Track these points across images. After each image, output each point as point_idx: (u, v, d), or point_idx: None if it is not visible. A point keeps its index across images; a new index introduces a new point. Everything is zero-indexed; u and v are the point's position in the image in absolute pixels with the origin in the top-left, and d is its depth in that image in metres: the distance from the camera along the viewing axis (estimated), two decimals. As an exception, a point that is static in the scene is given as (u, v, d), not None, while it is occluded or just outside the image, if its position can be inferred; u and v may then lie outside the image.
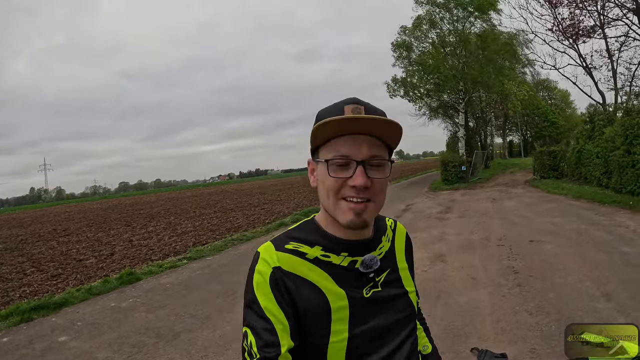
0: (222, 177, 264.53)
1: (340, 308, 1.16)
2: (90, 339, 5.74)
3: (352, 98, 1.20)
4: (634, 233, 9.09)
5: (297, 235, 1.24)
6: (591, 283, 6.09)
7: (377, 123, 1.10)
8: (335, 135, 1.13)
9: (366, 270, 1.22)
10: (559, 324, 4.78)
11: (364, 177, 1.10)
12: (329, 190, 1.15)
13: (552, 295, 5.78)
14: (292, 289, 1.14)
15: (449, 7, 29.52)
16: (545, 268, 7.06)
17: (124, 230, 18.32)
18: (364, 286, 1.22)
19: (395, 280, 1.30)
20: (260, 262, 1.17)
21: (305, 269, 1.18)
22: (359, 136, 1.12)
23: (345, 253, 1.21)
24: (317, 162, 1.20)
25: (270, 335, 1.10)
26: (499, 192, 20.95)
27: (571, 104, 68.37)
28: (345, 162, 1.12)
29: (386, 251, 1.31)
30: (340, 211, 1.15)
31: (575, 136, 22.02)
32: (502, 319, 5.15)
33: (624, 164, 14.86)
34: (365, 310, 1.20)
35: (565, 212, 12.69)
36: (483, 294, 6.08)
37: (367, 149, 1.12)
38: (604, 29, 21.57)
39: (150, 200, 48.57)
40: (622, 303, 5.26)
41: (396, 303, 1.27)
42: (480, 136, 47.12)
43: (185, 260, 10.34)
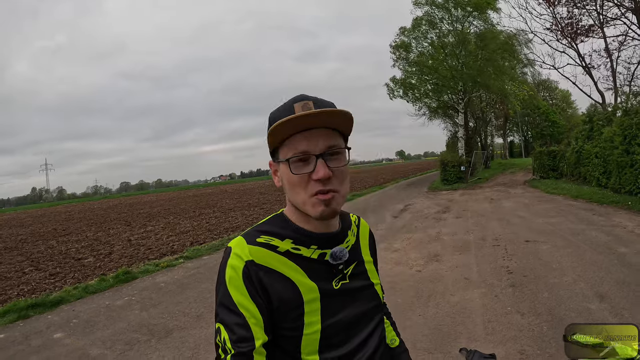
0: (223, 177, 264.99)
1: (312, 300, 1.19)
2: (85, 336, 5.79)
3: (301, 95, 1.23)
4: (632, 234, 9.06)
5: (268, 229, 1.26)
6: (585, 284, 6.08)
7: (327, 115, 1.13)
8: (291, 134, 1.15)
9: (335, 262, 1.25)
10: (551, 325, 4.80)
11: (325, 169, 1.13)
12: (296, 187, 1.17)
13: (546, 295, 5.77)
14: (265, 282, 1.16)
15: (447, 7, 29.54)
16: (539, 268, 7.06)
17: (123, 230, 18.38)
18: (334, 278, 1.25)
19: (362, 273, 1.35)
20: (233, 256, 1.18)
21: (277, 262, 1.19)
22: (313, 131, 1.15)
23: (314, 246, 1.24)
24: (278, 163, 1.23)
25: (244, 330, 1.11)
26: (497, 192, 20.94)
27: (572, 103, 68.47)
28: (305, 157, 1.15)
29: (352, 244, 1.35)
30: (310, 206, 1.17)
31: (575, 136, 22.02)
32: (493, 319, 5.16)
33: (623, 164, 14.86)
34: (336, 301, 1.23)
35: (563, 213, 12.68)
36: (475, 294, 6.08)
37: (323, 141, 1.16)
38: (603, 28, 21.58)
39: (151, 200, 48.73)
40: (615, 304, 5.25)
41: (363, 294, 1.31)
42: (481, 136, 47.16)
43: (181, 259, 10.38)
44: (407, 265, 8.03)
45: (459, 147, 31.73)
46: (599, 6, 20.93)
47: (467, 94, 31.19)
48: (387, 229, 12.47)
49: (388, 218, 14.80)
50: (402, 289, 6.63)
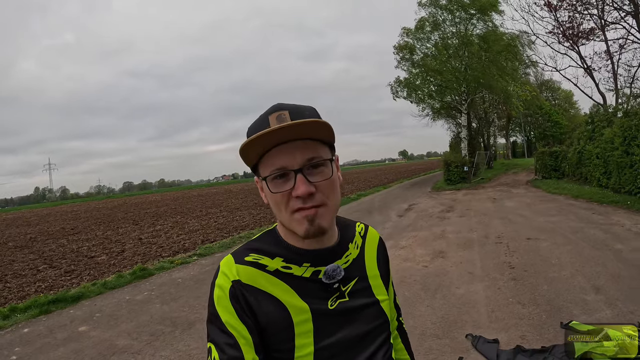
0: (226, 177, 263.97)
1: (302, 321, 1.15)
2: (109, 329, 6.02)
3: (276, 105, 1.16)
4: (629, 232, 9.36)
5: (257, 247, 1.22)
6: (583, 277, 6.40)
7: (302, 127, 1.06)
8: (266, 149, 1.10)
9: (329, 281, 1.19)
10: (549, 314, 5.12)
11: (305, 185, 1.07)
12: (279, 205, 1.12)
13: (545, 288, 6.09)
14: (252, 302, 1.13)
15: (451, 9, 29.77)
16: (539, 263, 7.36)
17: (132, 229, 18.59)
18: (329, 297, 1.19)
19: (364, 289, 1.27)
20: (220, 275, 1.16)
21: (265, 281, 1.16)
22: (289, 143, 1.09)
23: (307, 264, 1.19)
24: (261, 181, 1.16)
25: (234, 350, 1.09)
26: (500, 192, 21.15)
27: (575, 104, 68.47)
28: (283, 173, 1.09)
29: (354, 259, 1.28)
30: (295, 223, 1.11)
31: (577, 137, 22.24)
32: (496, 309, 5.47)
33: (623, 165, 15.12)
34: (331, 322, 1.18)
35: (564, 212, 12.95)
36: (479, 287, 6.39)
37: (301, 155, 1.09)
38: (604, 31, 21.81)
39: (156, 200, 48.67)
40: (610, 295, 5.56)
41: (366, 313, 1.24)
42: (483, 137, 47.30)
43: (195, 256, 10.62)
44: (414, 262, 8.29)
45: (462, 148, 31.87)
46: (600, 10, 21.15)
47: (470, 95, 31.38)
48: (393, 227, 12.71)
49: (393, 217, 15.04)
50: (409, 283, 6.90)
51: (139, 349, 5.26)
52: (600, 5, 20.93)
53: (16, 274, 10.54)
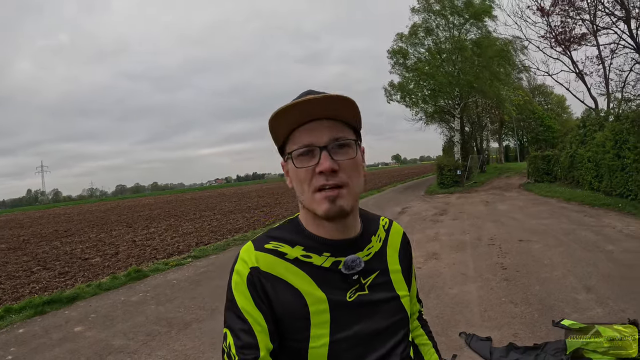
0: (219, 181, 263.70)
1: (319, 312, 1.14)
2: (105, 329, 6.03)
3: (309, 90, 1.20)
4: (620, 233, 9.47)
5: (278, 235, 1.23)
6: (574, 277, 6.48)
7: (327, 102, 1.08)
8: (293, 127, 1.13)
9: (348, 271, 1.18)
10: (541, 313, 5.20)
11: (329, 161, 1.08)
12: (302, 182, 1.13)
13: (537, 288, 6.17)
14: (269, 290, 1.13)
15: (444, 14, 29.94)
16: (532, 264, 7.45)
17: (126, 232, 18.55)
18: (349, 289, 1.19)
19: (385, 284, 1.26)
20: (239, 262, 1.18)
21: (284, 269, 1.16)
22: (318, 122, 1.11)
23: (327, 253, 1.19)
24: (286, 161, 1.19)
25: (249, 336, 1.10)
26: (493, 195, 21.25)
27: (567, 108, 68.73)
28: (309, 149, 1.11)
29: (376, 252, 1.28)
30: (315, 203, 1.12)
31: (569, 141, 22.42)
32: (489, 308, 5.54)
33: (614, 168, 15.29)
34: (349, 314, 1.17)
35: (556, 214, 13.05)
36: (472, 287, 6.46)
37: (328, 133, 1.11)
38: (596, 37, 22.00)
39: (149, 203, 48.56)
40: (601, 294, 5.66)
41: (385, 308, 1.23)
42: (476, 141, 47.49)
43: (189, 258, 10.64)
44: (407, 263, 8.32)
45: (455, 152, 31.99)
46: (592, 15, 21.35)
47: (463, 100, 31.55)
48: (386, 230, 12.64)
49: (387, 220, 14.96)
50: (403, 284, 6.96)
51: (135, 348, 5.28)
52: (593, 10, 21.12)
53: (10, 276, 10.50)
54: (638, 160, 13.73)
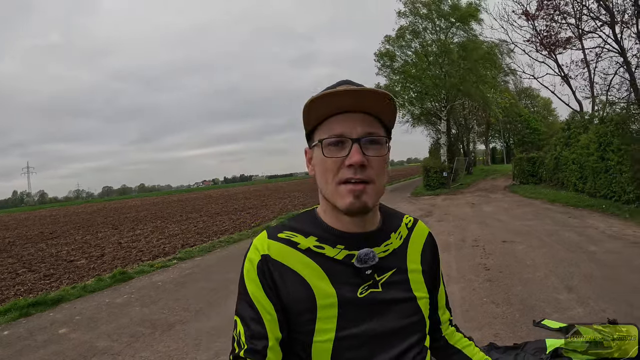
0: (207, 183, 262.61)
1: (327, 306, 1.11)
2: (89, 331, 6.02)
3: (345, 80, 1.20)
4: (602, 234, 9.62)
5: (293, 225, 1.21)
6: (556, 278, 6.57)
7: (367, 97, 1.06)
8: (328, 115, 1.11)
9: (361, 265, 1.15)
10: (522, 313, 5.26)
11: (360, 155, 1.06)
12: (327, 172, 1.11)
13: (519, 288, 6.24)
14: (276, 278, 1.13)
15: (431, 17, 30.15)
16: (514, 265, 7.54)
17: (112, 234, 18.44)
18: (361, 284, 1.15)
19: (402, 282, 1.21)
20: (252, 249, 1.17)
21: (295, 259, 1.14)
22: (352, 114, 1.10)
23: (341, 246, 1.16)
24: (312, 148, 1.18)
25: (258, 325, 1.09)
26: (478, 197, 21.45)
27: (553, 111, 69.23)
28: (340, 140, 1.09)
29: (394, 249, 1.23)
30: (338, 196, 1.09)
31: (554, 143, 22.65)
32: (471, 309, 5.60)
33: (598, 170, 15.56)
34: (358, 311, 1.13)
35: (540, 216, 13.22)
36: (455, 288, 6.49)
37: (361, 126, 1.09)
38: (582, 41, 22.22)
39: (135, 205, 48.17)
40: (582, 294, 5.75)
41: (399, 308, 1.18)
42: (463, 143, 47.74)
43: (175, 260, 10.62)
44: (391, 264, 8.36)
45: (441, 154, 32.20)
46: (577, 19, 21.57)
47: (450, 102, 31.76)
48: (372, 231, 12.70)
49: (373, 221, 15.02)
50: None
51: (119, 350, 5.28)
52: (578, 15, 21.34)
53: (-5, 278, 10.43)
54: (622, 162, 13.95)
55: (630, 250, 8.09)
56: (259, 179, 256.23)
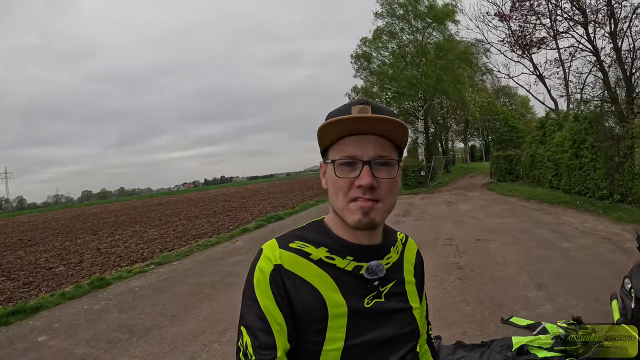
0: (187, 185, 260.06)
1: (338, 315, 1.14)
2: (68, 337, 6.07)
3: (360, 99, 1.22)
4: (576, 230, 9.89)
5: (303, 235, 1.23)
6: (527, 275, 6.77)
7: (380, 122, 1.10)
8: (342, 135, 1.14)
9: (371, 277, 1.19)
10: (492, 311, 5.43)
11: (370, 177, 1.10)
12: (338, 190, 1.14)
13: (490, 286, 6.42)
14: (290, 289, 1.13)
15: (408, 18, 30.43)
16: (486, 263, 7.72)
17: (91, 239, 18.32)
18: (367, 294, 1.19)
19: (400, 294, 1.26)
20: (263, 259, 1.17)
21: (307, 270, 1.16)
22: (365, 136, 1.13)
23: (350, 257, 1.19)
24: (326, 164, 1.20)
25: (267, 336, 1.10)
26: (456, 195, 21.72)
27: (531, 109, 69.77)
28: (352, 161, 1.12)
29: (394, 262, 1.28)
30: (348, 212, 1.13)
31: (529, 141, 22.98)
32: (441, 308, 5.72)
33: (572, 167, 15.91)
34: (365, 320, 1.16)
35: (515, 213, 13.49)
36: (426, 288, 6.61)
37: (373, 149, 1.12)
38: (557, 40, 22.53)
39: (115, 209, 47.71)
40: (551, 291, 5.94)
41: (398, 317, 1.23)
42: (441, 142, 48.10)
43: (152, 265, 10.64)
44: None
45: (419, 153, 32.46)
46: (552, 20, 21.88)
47: (427, 102, 32.02)
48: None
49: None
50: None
51: (97, 355, 5.34)
52: (553, 15, 21.65)
53: (-28, 287, 10.36)
54: (595, 159, 14.25)
55: (602, 246, 8.31)
56: (239, 180, 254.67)
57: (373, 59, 32.44)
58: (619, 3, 18.17)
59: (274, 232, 14.30)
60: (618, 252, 7.60)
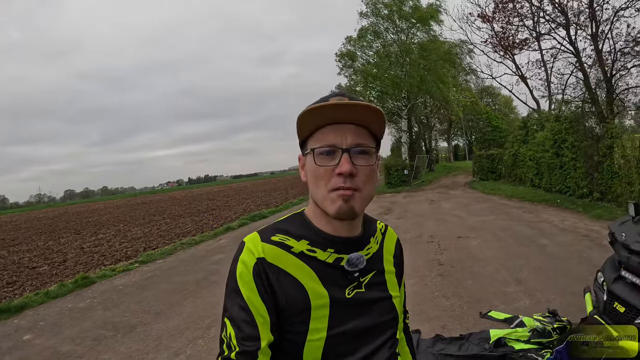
0: (171, 184, 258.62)
1: (320, 306, 1.16)
2: (53, 336, 6.10)
3: (338, 91, 1.25)
4: (555, 227, 10.07)
5: (285, 228, 1.24)
6: (506, 271, 6.92)
7: (358, 110, 1.12)
8: (321, 125, 1.15)
9: (351, 268, 1.21)
10: (470, 306, 5.57)
11: (349, 164, 1.11)
12: (319, 179, 1.16)
13: (470, 282, 6.56)
14: (273, 282, 1.15)
15: (392, 18, 30.65)
16: (467, 260, 7.86)
17: (74, 239, 18.26)
18: (348, 285, 1.21)
19: (380, 284, 1.28)
20: (245, 251, 1.18)
21: (289, 262, 1.17)
22: (343, 125, 1.14)
23: (331, 249, 1.21)
24: (305, 155, 1.22)
25: (251, 328, 1.11)
26: (439, 193, 21.87)
27: (514, 109, 70.20)
28: (331, 150, 1.14)
29: (374, 253, 1.30)
30: (329, 201, 1.14)
31: (511, 140, 23.25)
32: (421, 302, 5.85)
33: (553, 166, 16.18)
34: (346, 310, 1.19)
35: (497, 211, 13.67)
36: (407, 284, 6.67)
37: (351, 137, 1.14)
38: (539, 41, 22.81)
39: (98, 209, 47.31)
40: (529, 287, 6.09)
41: (378, 306, 1.25)
42: (425, 141, 48.36)
43: (136, 264, 10.67)
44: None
45: (402, 152, 32.63)
46: (535, 22, 22.17)
47: (411, 101, 32.22)
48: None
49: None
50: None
51: (82, 353, 5.38)
52: (536, 17, 21.94)
53: (-44, 288, 10.31)
54: (575, 159, 14.52)
55: (581, 243, 8.47)
56: (223, 179, 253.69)
57: (357, 58, 32.62)
58: (601, 6, 18.49)
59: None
60: (596, 249, 7.75)
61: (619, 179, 12.12)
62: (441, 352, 4.32)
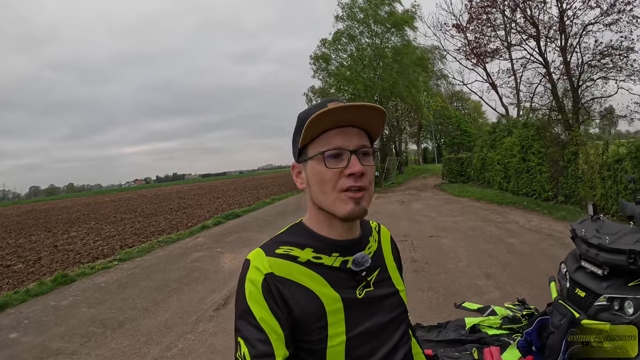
0: (138, 182, 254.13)
1: (335, 311, 1.16)
2: (41, 334, 6.10)
3: (332, 97, 1.27)
4: (522, 228, 10.56)
5: (287, 239, 1.24)
6: (477, 267, 7.37)
7: (364, 112, 1.14)
8: (325, 129, 1.16)
9: (358, 268, 1.22)
10: (445, 298, 6.01)
11: (359, 164, 1.13)
12: (326, 183, 1.16)
13: (443, 277, 6.98)
14: (286, 295, 1.14)
15: (367, 22, 31.15)
16: (439, 257, 8.26)
17: (46, 236, 18.06)
18: (357, 286, 1.22)
19: (386, 280, 1.31)
20: (252, 269, 1.17)
21: (297, 273, 1.17)
22: (347, 128, 1.17)
23: (336, 253, 1.22)
24: (305, 162, 1.22)
25: (265, 345, 1.09)
26: (409, 195, 22.23)
27: (483, 114, 71.12)
28: (339, 152, 1.15)
29: (374, 251, 1.32)
30: (340, 203, 1.15)
31: (480, 144, 23.82)
32: (398, 297, 6.16)
33: (520, 170, 16.91)
34: (360, 311, 1.20)
35: (465, 212, 14.15)
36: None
37: (356, 139, 1.16)
38: (510, 51, 23.45)
39: (66, 206, 46.37)
40: (499, 280, 6.58)
41: (388, 302, 1.27)
42: (395, 143, 48.87)
43: (115, 261, 10.68)
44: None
45: (374, 154, 32.97)
46: (507, 32, 22.79)
47: (383, 104, 32.62)
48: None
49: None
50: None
51: (74, 349, 5.45)
52: (508, 28, 22.56)
53: None
54: (541, 164, 15.20)
55: (545, 241, 8.98)
56: (192, 177, 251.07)
57: (332, 61, 33.07)
58: (571, 20, 19.15)
59: (235, 229, 14.43)
60: (559, 247, 8.21)
61: (583, 183, 12.71)
62: (422, 338, 4.64)
